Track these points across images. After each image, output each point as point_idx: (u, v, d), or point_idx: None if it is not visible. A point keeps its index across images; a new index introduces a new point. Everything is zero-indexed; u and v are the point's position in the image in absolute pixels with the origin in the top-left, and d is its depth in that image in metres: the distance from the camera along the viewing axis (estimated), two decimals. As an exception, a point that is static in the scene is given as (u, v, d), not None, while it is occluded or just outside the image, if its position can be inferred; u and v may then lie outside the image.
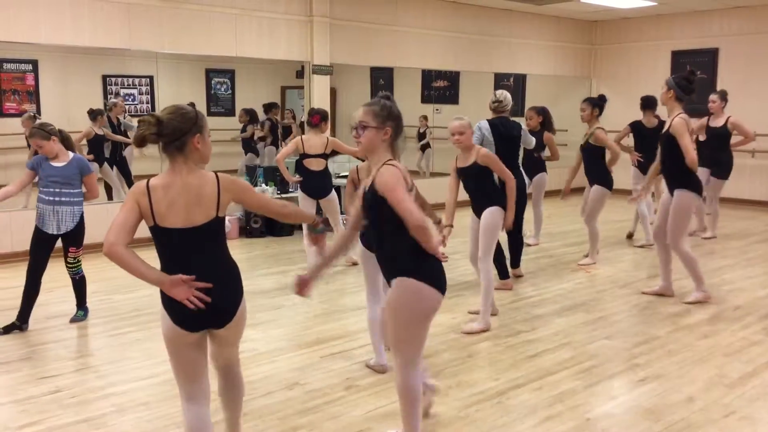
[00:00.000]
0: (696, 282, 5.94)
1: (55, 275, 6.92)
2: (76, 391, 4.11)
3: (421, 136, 12.71)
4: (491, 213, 5.21)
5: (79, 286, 5.55)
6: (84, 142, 9.15)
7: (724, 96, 8.48)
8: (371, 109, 3.05)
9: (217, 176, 2.75)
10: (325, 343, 4.93)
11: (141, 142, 2.71)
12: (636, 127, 8.18)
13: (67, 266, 5.50)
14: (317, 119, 7.06)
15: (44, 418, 3.76)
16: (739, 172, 9.94)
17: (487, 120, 6.34)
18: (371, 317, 4.34)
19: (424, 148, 12.74)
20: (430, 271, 3.06)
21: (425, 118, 12.61)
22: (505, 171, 5.15)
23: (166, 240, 2.80)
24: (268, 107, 11.16)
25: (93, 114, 9.25)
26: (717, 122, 8.39)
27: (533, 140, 6.87)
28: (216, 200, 2.72)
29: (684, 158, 5.52)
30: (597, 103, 7.12)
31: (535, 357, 4.66)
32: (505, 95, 6.43)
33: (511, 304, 5.88)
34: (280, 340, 4.96)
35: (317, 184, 7.03)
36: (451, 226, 5.06)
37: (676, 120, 5.63)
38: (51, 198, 5.15)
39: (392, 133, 3.05)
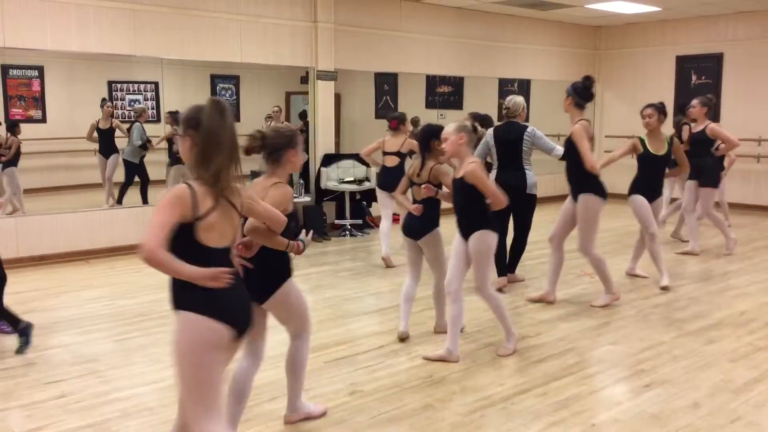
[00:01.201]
0: (606, 285, 5.98)
1: (61, 281, 6.96)
2: (81, 396, 4.12)
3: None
4: (481, 237, 4.53)
5: None
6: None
7: (706, 102, 7.94)
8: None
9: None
10: (330, 349, 4.93)
11: (248, 152, 3.23)
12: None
13: None
14: (395, 123, 7.86)
15: (49, 423, 3.76)
16: (745, 177, 9.97)
17: (493, 126, 6.38)
18: (406, 292, 5.05)
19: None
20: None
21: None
22: (492, 192, 4.47)
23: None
24: (303, 115, 11.13)
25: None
26: (698, 128, 7.96)
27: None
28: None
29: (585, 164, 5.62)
30: (663, 109, 6.67)
31: (540, 362, 4.65)
32: (514, 101, 6.51)
33: (515, 309, 5.87)
34: (285, 346, 4.94)
35: (390, 180, 7.25)
36: None
37: (576, 126, 5.73)
38: None
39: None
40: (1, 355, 4.83)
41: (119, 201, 9.51)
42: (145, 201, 9.49)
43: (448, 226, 4.96)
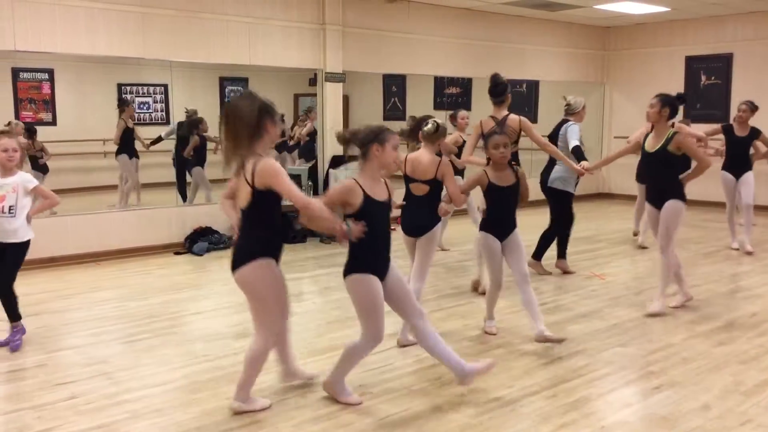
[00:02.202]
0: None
1: (72, 283, 6.99)
2: (91, 397, 4.13)
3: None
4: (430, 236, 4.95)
5: None
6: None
7: (753, 106, 8.24)
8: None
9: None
10: (338, 350, 4.88)
11: (345, 143, 3.87)
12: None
13: None
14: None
15: (60, 424, 3.78)
16: (756, 178, 9.84)
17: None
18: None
19: None
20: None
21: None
22: (455, 192, 4.81)
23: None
24: (307, 111, 11.47)
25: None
26: (742, 132, 8.20)
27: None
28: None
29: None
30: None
31: (549, 364, 4.64)
32: (575, 99, 7.04)
33: (524, 310, 5.85)
34: (293, 347, 4.95)
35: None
36: None
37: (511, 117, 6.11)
38: None
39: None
40: (12, 356, 4.85)
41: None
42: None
43: (458, 227, 4.95)
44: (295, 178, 9.26)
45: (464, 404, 3.99)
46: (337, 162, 9.74)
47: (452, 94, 12.34)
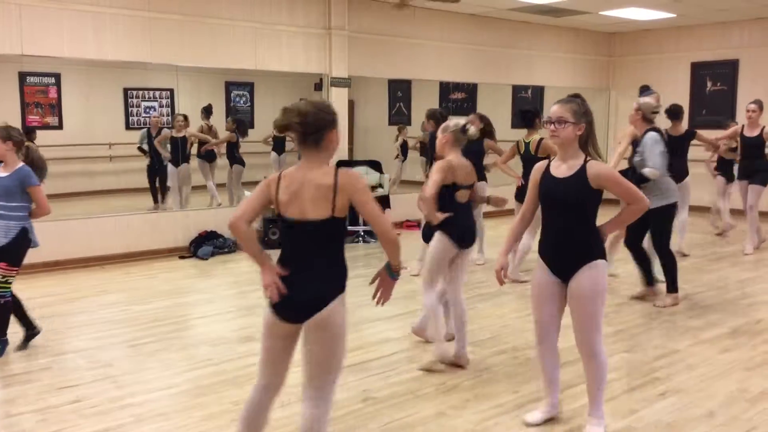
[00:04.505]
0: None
1: (76, 286, 7.01)
2: (96, 401, 4.14)
3: (402, 146, 12.57)
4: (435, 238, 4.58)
5: (2, 313, 4.89)
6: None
7: (762, 105, 8.43)
8: (570, 106, 3.41)
9: (337, 173, 2.76)
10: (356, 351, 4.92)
11: (284, 129, 2.80)
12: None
13: None
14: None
15: (64, 427, 3.79)
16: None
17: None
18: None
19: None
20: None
21: (399, 129, 12.58)
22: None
23: (285, 228, 2.86)
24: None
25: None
26: (752, 132, 8.34)
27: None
28: (332, 199, 2.73)
29: None
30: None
31: (554, 370, 4.63)
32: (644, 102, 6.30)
33: (528, 316, 5.83)
34: (297, 352, 4.95)
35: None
36: None
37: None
38: None
39: (586, 130, 3.41)
40: (16, 359, 4.87)
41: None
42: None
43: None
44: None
45: (468, 410, 3.99)
46: (341, 166, 9.74)
47: (457, 99, 12.36)
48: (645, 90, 7.37)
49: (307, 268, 2.79)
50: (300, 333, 2.87)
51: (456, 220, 4.48)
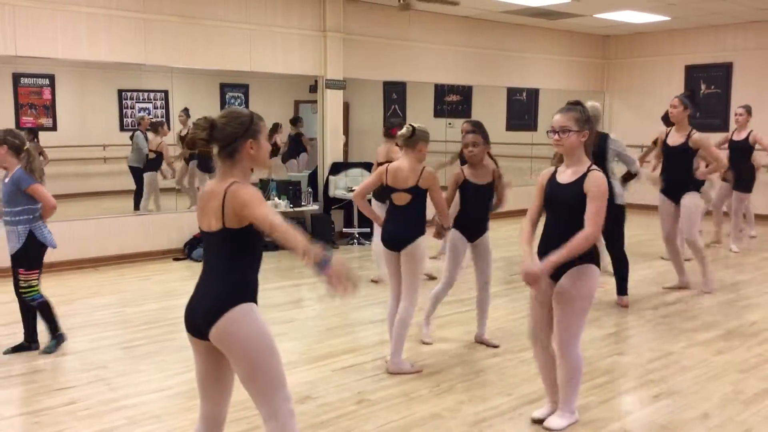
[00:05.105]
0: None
1: (71, 288, 6.98)
2: (90, 403, 4.12)
3: None
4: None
5: (43, 312, 4.99)
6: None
7: (750, 110, 8.59)
8: (572, 114, 3.47)
9: (228, 187, 2.60)
10: (337, 357, 4.92)
11: (192, 146, 2.65)
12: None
13: (18, 292, 4.93)
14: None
15: (58, 430, 3.77)
16: (756, 187, 9.84)
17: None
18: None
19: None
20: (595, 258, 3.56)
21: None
22: (439, 202, 4.59)
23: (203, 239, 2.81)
24: (294, 121, 11.84)
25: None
26: (740, 136, 8.52)
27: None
28: (221, 211, 2.62)
29: None
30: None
31: (548, 372, 4.63)
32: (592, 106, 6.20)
33: (521, 318, 5.85)
34: (292, 354, 4.95)
35: None
36: None
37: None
38: None
39: (589, 136, 3.48)
40: (10, 361, 4.84)
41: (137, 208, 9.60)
42: (137, 208, 9.52)
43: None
44: (295, 184, 9.28)
45: (463, 412, 3.99)
46: (337, 169, 9.75)
47: (452, 101, 12.37)
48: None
49: (206, 279, 2.72)
50: (219, 354, 2.72)
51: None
